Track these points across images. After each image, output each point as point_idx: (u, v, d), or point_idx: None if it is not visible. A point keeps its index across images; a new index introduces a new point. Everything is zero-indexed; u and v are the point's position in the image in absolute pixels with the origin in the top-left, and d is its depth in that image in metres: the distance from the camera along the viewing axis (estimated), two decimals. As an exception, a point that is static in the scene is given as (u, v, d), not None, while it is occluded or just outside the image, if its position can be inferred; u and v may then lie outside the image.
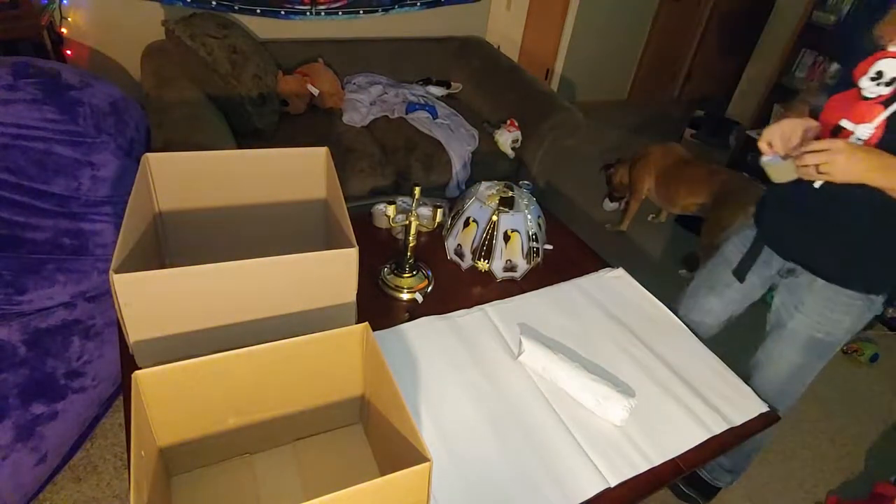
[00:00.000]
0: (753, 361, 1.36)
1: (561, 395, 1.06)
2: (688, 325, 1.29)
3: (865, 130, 0.99)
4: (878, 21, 1.01)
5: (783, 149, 1.04)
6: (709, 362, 1.19)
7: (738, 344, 1.39)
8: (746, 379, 1.30)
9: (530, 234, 1.28)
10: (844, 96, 1.04)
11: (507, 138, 2.49)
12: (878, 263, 1.12)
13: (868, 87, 0.99)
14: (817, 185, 1.07)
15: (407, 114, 2.53)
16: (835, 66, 1.19)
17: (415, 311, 1.22)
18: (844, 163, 0.93)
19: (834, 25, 3.02)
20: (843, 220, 1.09)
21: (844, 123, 1.03)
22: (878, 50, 1.00)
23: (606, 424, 1.02)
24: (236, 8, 2.43)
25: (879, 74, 0.98)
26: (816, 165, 0.96)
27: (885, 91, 0.97)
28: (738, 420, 1.06)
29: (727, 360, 1.21)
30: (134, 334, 0.87)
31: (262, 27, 2.56)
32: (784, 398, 1.31)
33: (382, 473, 0.75)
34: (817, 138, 1.03)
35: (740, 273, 1.34)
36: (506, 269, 1.31)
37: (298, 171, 1.19)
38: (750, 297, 1.39)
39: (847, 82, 1.04)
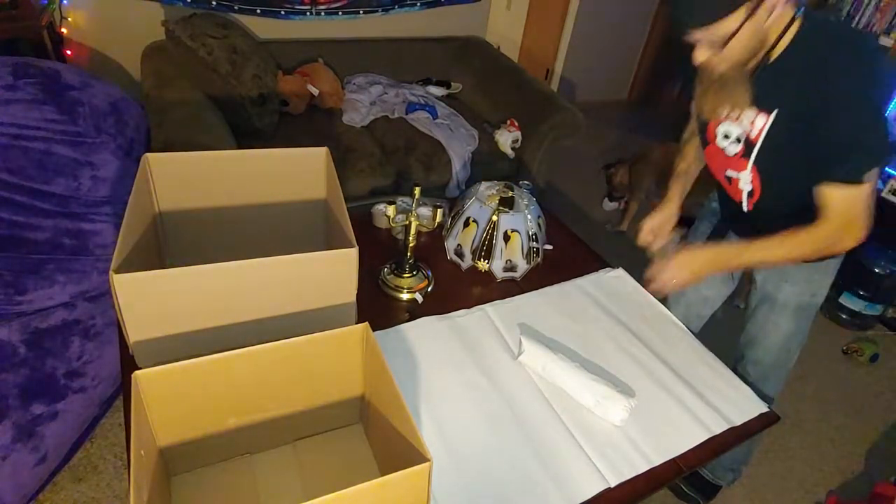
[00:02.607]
0: (744, 339, 1.38)
1: (561, 395, 1.06)
2: (685, 320, 1.30)
3: (746, 177, 1.09)
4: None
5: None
6: (708, 362, 1.19)
7: (724, 343, 1.40)
8: (738, 360, 1.38)
9: (530, 234, 1.28)
10: (715, 150, 1.14)
11: (507, 138, 2.49)
12: None
13: (726, 146, 1.10)
14: (745, 208, 1.16)
15: (407, 114, 2.53)
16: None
17: (415, 311, 1.22)
18: (680, 281, 1.09)
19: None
20: (775, 227, 1.10)
21: (730, 174, 1.13)
22: (709, 120, 1.10)
23: (606, 424, 1.02)
24: (236, 8, 2.43)
25: (727, 135, 1.08)
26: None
27: (739, 148, 1.07)
28: (738, 420, 1.06)
29: (722, 359, 1.21)
30: (134, 334, 0.87)
31: (262, 27, 2.56)
32: (778, 368, 1.35)
33: (382, 473, 0.75)
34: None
35: None
36: (506, 269, 1.31)
37: (298, 171, 1.19)
38: (734, 279, 1.44)
39: (704, 139, 1.16)
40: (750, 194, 1.12)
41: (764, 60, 0.95)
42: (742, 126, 1.05)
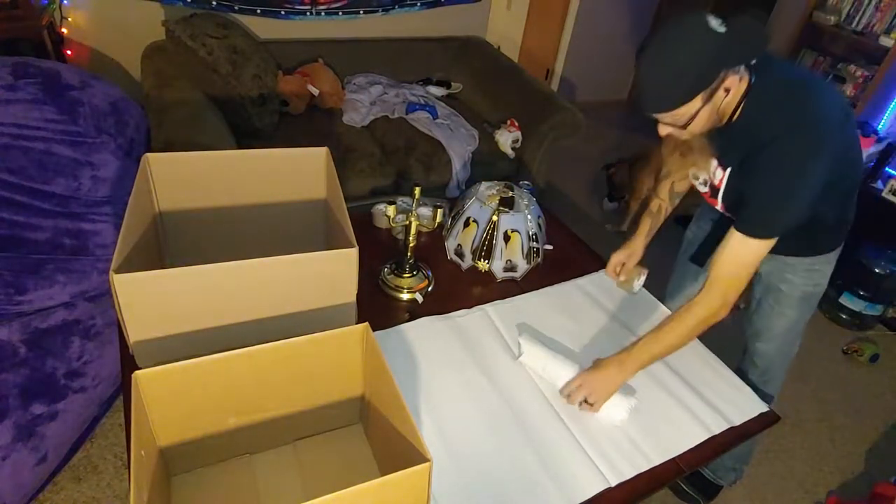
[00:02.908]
0: (750, 331, 1.39)
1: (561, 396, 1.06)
2: None
3: (719, 208, 1.15)
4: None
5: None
6: (708, 362, 1.19)
7: (724, 343, 1.40)
8: (744, 353, 1.38)
9: (530, 234, 1.28)
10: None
11: (507, 138, 2.49)
12: (826, 231, 1.18)
13: (697, 184, 1.17)
14: (721, 212, 1.18)
15: (407, 114, 2.53)
16: None
17: (415, 311, 1.22)
18: (598, 397, 1.02)
19: (833, 26, 3.03)
20: None
21: (710, 201, 1.18)
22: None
23: (607, 424, 1.02)
24: (236, 8, 2.43)
25: (696, 178, 1.16)
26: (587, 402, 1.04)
27: (706, 188, 1.14)
28: (738, 420, 1.06)
29: (722, 359, 1.21)
30: (134, 334, 0.87)
31: (263, 27, 2.56)
32: (783, 359, 1.37)
33: (382, 473, 0.75)
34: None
35: (698, 259, 1.40)
36: (506, 269, 1.31)
37: (298, 171, 1.19)
38: None
39: None
40: (730, 218, 1.15)
41: (725, 125, 1.00)
42: (708, 173, 1.11)
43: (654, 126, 0.99)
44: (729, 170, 1.06)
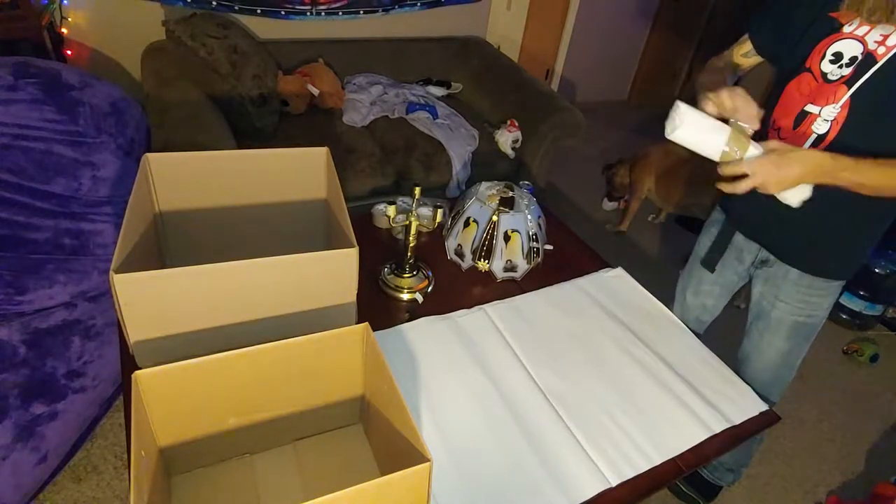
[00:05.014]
0: (741, 355, 1.38)
1: (561, 395, 1.06)
2: (686, 325, 1.29)
3: (832, 111, 1.00)
4: (829, 6, 1.01)
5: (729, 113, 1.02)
6: (708, 361, 1.19)
7: (724, 343, 1.40)
8: (735, 373, 1.32)
9: (530, 234, 1.28)
10: (801, 81, 1.05)
11: (507, 138, 2.49)
12: (837, 251, 1.14)
13: (831, 70, 1.00)
14: None
15: (407, 114, 2.54)
16: (748, 47, 1.21)
17: (415, 311, 1.22)
18: (775, 184, 0.96)
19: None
20: (800, 212, 1.05)
21: (809, 108, 1.03)
22: (833, 32, 1.00)
23: (607, 423, 1.02)
24: (237, 8, 2.43)
25: (838, 56, 0.99)
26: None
27: (847, 72, 0.98)
28: (738, 419, 1.06)
29: (722, 359, 1.21)
30: (134, 334, 0.87)
31: (263, 27, 2.56)
32: (776, 385, 1.34)
33: (382, 473, 0.75)
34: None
35: (708, 263, 1.37)
36: (506, 269, 1.31)
37: (298, 171, 1.19)
38: (731, 292, 1.42)
39: (796, 68, 1.06)
40: (820, 138, 1.02)
41: None
42: (866, 43, 0.95)
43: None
44: None
